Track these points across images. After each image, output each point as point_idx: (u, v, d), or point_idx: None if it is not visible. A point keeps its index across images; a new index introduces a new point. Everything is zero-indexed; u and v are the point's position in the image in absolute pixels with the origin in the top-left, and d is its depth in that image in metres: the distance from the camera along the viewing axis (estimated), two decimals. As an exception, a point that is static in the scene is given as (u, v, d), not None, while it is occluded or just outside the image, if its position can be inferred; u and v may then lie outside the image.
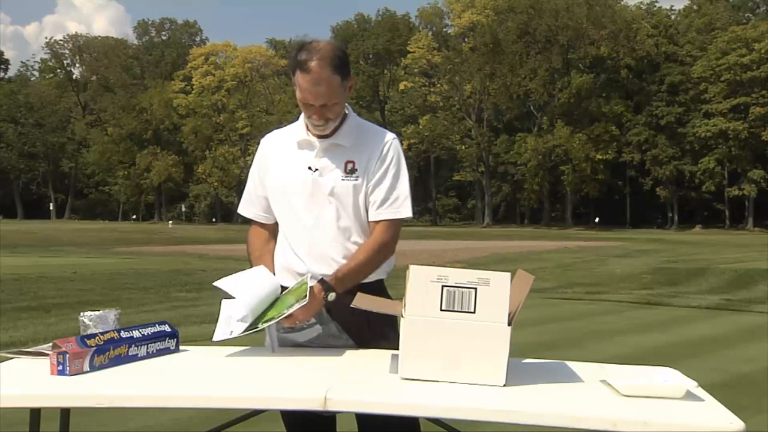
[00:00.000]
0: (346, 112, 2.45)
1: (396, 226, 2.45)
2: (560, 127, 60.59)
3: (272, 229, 2.58)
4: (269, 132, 2.63)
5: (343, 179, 2.39)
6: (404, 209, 2.44)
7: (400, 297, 2.10)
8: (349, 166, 2.40)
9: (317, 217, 2.41)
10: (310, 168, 2.41)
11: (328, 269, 2.39)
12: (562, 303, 10.50)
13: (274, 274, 2.48)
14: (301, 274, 2.42)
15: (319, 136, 2.42)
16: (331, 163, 2.41)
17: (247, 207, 2.61)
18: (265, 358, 2.26)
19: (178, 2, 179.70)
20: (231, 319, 2.25)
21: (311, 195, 2.41)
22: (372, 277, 2.45)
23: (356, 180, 2.40)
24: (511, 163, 64.58)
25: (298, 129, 2.48)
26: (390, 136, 2.48)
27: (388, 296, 2.46)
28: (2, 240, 28.05)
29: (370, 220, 2.44)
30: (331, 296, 2.31)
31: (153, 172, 72.99)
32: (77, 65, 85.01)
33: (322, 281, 2.34)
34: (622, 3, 66.32)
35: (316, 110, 2.34)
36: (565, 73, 63.42)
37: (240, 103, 73.60)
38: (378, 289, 2.45)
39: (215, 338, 2.24)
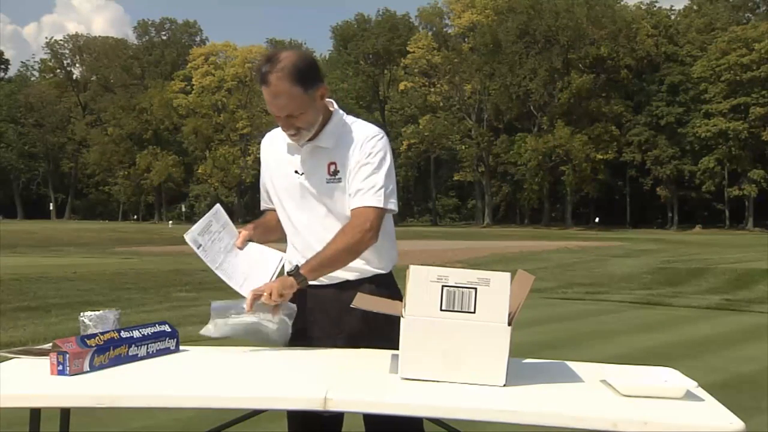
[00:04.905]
0: (332, 110, 2.43)
1: (369, 213, 2.33)
2: (560, 127, 60.56)
3: None
4: (268, 131, 2.64)
5: (327, 182, 2.39)
6: (374, 198, 2.33)
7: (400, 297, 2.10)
8: (332, 167, 2.39)
9: (308, 219, 2.44)
10: (296, 172, 2.43)
11: None
12: (562, 303, 10.50)
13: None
14: None
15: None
16: (314, 167, 2.41)
17: (264, 202, 2.68)
18: (265, 358, 2.26)
19: (178, 2, 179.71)
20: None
21: (301, 197, 2.44)
22: (378, 270, 2.44)
23: (339, 181, 2.39)
24: (511, 163, 64.47)
25: None
26: (373, 131, 2.41)
27: (396, 290, 2.44)
28: (2, 240, 28.02)
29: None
30: (303, 283, 2.29)
31: (153, 172, 72.95)
32: (77, 65, 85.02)
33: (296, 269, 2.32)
34: (622, 3, 66.37)
35: (283, 121, 2.34)
36: (565, 73, 63.35)
37: (240, 103, 73.52)
38: (386, 282, 2.46)
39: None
